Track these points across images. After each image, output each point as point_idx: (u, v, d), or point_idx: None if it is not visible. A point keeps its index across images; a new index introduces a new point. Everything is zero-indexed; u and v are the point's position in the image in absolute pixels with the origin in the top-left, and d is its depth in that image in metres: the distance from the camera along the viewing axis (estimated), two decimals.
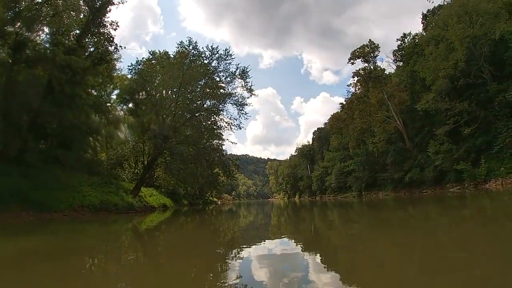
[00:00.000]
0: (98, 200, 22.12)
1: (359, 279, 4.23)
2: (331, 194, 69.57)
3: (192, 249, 7.81)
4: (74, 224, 15.54)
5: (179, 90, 30.03)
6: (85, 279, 4.88)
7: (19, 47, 20.05)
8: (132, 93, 30.98)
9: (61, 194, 20.03)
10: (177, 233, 12.14)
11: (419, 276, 4.06)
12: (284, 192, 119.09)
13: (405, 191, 42.73)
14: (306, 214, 20.79)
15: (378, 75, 49.36)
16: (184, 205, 45.23)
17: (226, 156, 36.79)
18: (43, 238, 9.94)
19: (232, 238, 10.22)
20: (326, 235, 9.55)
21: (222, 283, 4.37)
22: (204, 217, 22.93)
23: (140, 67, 32.12)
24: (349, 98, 54.80)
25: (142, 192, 30.67)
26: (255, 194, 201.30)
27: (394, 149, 46.36)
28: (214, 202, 64.31)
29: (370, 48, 50.99)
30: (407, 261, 4.99)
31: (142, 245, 9.00)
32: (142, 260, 6.65)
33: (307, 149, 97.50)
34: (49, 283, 4.61)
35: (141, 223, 16.71)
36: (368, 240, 7.67)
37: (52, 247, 7.98)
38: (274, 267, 5.34)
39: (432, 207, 17.17)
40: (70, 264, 5.82)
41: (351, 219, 14.76)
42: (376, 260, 5.28)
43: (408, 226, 9.68)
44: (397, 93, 45.49)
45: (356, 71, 50.90)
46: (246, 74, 31.97)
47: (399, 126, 46.71)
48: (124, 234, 12.08)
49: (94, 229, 13.86)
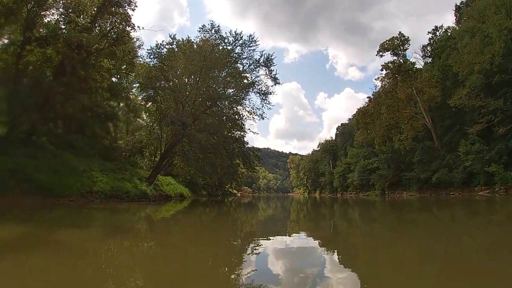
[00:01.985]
0: (109, 186, 21.51)
1: (376, 280, 4.24)
2: (352, 192, 68.90)
3: (208, 240, 7.90)
4: (80, 210, 14.86)
5: (199, 76, 29.28)
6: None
7: (30, 26, 19.65)
8: (150, 78, 30.36)
9: (69, 179, 19.46)
10: (193, 225, 12.15)
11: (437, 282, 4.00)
12: (304, 187, 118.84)
13: (431, 192, 41.79)
14: (326, 211, 20.68)
15: (407, 69, 48.17)
16: (202, 196, 45.71)
17: (247, 148, 36.36)
18: (34, 225, 8.90)
19: (250, 231, 10.31)
20: (345, 233, 9.52)
21: (237, 275, 4.45)
22: (222, 209, 23.14)
23: (159, 51, 31.37)
24: (376, 92, 53.67)
25: (159, 181, 30.54)
26: (275, 188, 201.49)
27: (422, 147, 45.26)
28: (233, 194, 64.84)
29: (400, 41, 49.76)
30: (427, 266, 4.88)
31: (154, 236, 9.06)
32: (155, 251, 6.72)
33: (330, 145, 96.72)
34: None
35: (155, 212, 16.72)
36: (388, 241, 7.63)
37: (35, 238, 7.00)
38: (291, 262, 5.40)
39: (459, 210, 16.78)
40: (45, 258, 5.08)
41: (373, 218, 14.62)
42: (395, 262, 5.26)
43: (432, 229, 9.40)
44: (427, 89, 44.34)
45: (385, 64, 49.84)
46: (270, 62, 31.23)
47: (428, 124, 45.63)
48: (132, 224, 11.42)
49: (101, 217, 13.27)
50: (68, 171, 20.38)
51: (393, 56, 50.18)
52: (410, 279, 4.19)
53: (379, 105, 50.46)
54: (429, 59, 53.86)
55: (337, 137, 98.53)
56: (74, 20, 20.42)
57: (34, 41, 20.34)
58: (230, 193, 62.40)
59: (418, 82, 45.62)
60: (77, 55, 20.16)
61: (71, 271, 4.41)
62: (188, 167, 34.35)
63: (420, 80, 45.72)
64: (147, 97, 33.86)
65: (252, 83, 31.58)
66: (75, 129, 26.79)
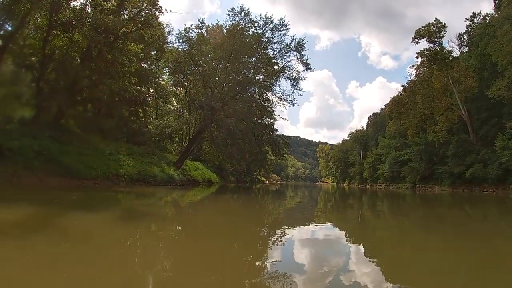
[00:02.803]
0: (136, 170, 21.50)
1: (401, 274, 4.24)
2: (382, 184, 67.74)
3: (234, 227, 8.02)
4: (103, 193, 14.69)
5: (229, 60, 28.88)
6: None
7: (56, 10, 19.40)
8: (179, 62, 30.22)
9: (95, 161, 19.36)
10: (220, 210, 12.33)
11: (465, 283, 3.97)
12: (333, 177, 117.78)
13: (464, 187, 40.50)
14: (354, 202, 20.59)
15: (444, 57, 46.25)
16: (230, 182, 46.24)
17: (277, 135, 36.16)
18: (48, 207, 8.71)
19: (277, 219, 10.44)
20: (373, 226, 9.51)
21: (261, 263, 4.52)
22: (250, 195, 23.36)
23: (188, 35, 31.06)
24: (411, 81, 51.94)
25: (187, 166, 30.75)
26: (303, 176, 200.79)
27: (457, 140, 43.68)
28: (261, 181, 65.20)
29: (436, 28, 47.71)
30: (455, 264, 4.82)
31: (180, 221, 9.22)
32: (180, 236, 6.86)
33: (360, 134, 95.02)
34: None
35: (182, 196, 16.87)
36: (417, 236, 7.57)
37: (41, 220, 6.71)
38: (316, 252, 5.49)
39: (493, 208, 16.26)
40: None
41: (402, 212, 14.46)
42: (422, 258, 5.21)
43: (463, 227, 9.20)
44: (464, 79, 42.55)
45: (421, 51, 48.03)
46: (302, 47, 30.41)
47: (464, 116, 43.98)
48: (155, 208, 11.24)
49: (123, 200, 13.01)
50: (94, 154, 20.34)
51: (428, 43, 48.35)
52: (436, 276, 4.13)
53: (414, 94, 48.89)
54: (465, 48, 51.50)
55: (369, 127, 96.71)
56: (100, 3, 20.42)
57: (60, 25, 20.30)
58: (258, 180, 62.82)
59: (455, 71, 43.81)
60: (104, 39, 20.01)
61: (65, 258, 4.10)
62: (216, 153, 34.34)
63: (456, 69, 43.89)
64: (176, 82, 34.08)
65: (283, 68, 31.11)
66: (104, 113, 27.11)
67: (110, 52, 20.82)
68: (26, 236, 5.04)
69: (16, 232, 5.32)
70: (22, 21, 19.83)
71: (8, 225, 5.81)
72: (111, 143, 23.90)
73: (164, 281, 3.59)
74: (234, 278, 3.78)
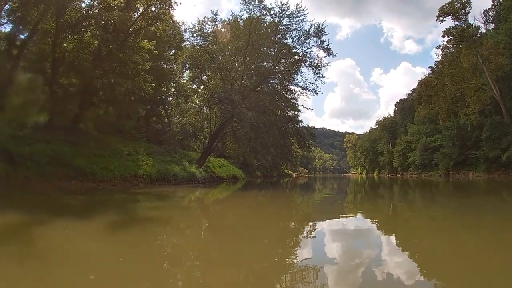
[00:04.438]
0: (155, 169, 21.13)
1: (434, 267, 4.18)
2: (413, 172, 66.34)
3: (263, 222, 8.07)
4: (116, 195, 14.26)
5: (246, 51, 28.06)
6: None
7: (61, 11, 19.31)
8: (194, 56, 29.39)
9: (112, 163, 19.20)
10: (248, 206, 12.28)
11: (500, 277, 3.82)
12: (362, 168, 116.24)
13: (500, 172, 39.14)
14: (384, 192, 20.34)
15: (471, 34, 44.46)
16: (257, 177, 46.32)
17: (301, 126, 35.78)
18: (32, 214, 7.79)
19: (306, 213, 10.50)
20: (404, 216, 9.41)
21: (292, 259, 4.56)
22: (278, 190, 23.37)
23: (202, 27, 29.99)
24: (439, 62, 50.26)
25: (211, 163, 30.64)
26: (331, 168, 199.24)
27: (491, 122, 42.14)
28: (288, 175, 65.03)
29: (461, 4, 45.80)
30: (491, 259, 4.57)
31: (207, 218, 9.32)
32: (207, 232, 6.96)
33: (388, 122, 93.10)
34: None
35: (206, 195, 16.76)
36: (451, 227, 7.41)
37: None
38: (346, 245, 5.52)
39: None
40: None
41: (435, 201, 14.27)
42: (456, 251, 5.12)
43: (501, 217, 8.64)
44: (494, 57, 40.76)
45: (447, 29, 46.36)
46: (322, 32, 29.50)
47: (496, 96, 42.35)
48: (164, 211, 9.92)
49: (135, 202, 12.35)
50: (111, 155, 20.28)
51: (454, 21, 46.61)
52: (471, 269, 4.11)
53: (442, 76, 47.32)
54: (491, 26, 49.42)
55: (396, 114, 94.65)
56: (106, 0, 20.29)
57: (67, 27, 20.28)
58: (285, 174, 62.61)
59: (484, 49, 42.08)
60: (114, 37, 19.95)
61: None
62: (239, 148, 34.41)
63: (485, 47, 42.15)
64: (194, 77, 33.90)
65: (303, 56, 30.44)
66: (122, 114, 27.22)
67: (121, 50, 20.80)
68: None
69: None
70: (34, 28, 20.20)
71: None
72: (130, 143, 23.93)
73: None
74: (264, 274, 3.83)
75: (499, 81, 42.11)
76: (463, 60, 43.68)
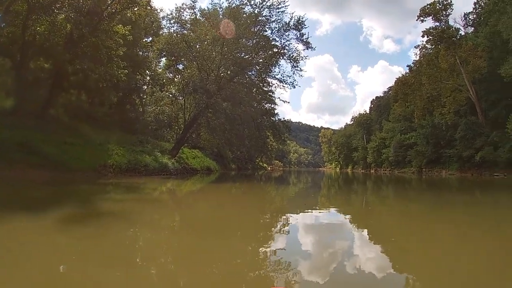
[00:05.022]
0: (125, 159, 20.62)
1: (405, 260, 4.24)
2: (387, 168, 67.66)
3: (237, 216, 7.99)
4: (82, 186, 13.50)
5: (223, 40, 27.52)
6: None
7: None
8: (171, 44, 28.78)
9: (82, 152, 18.68)
10: (221, 198, 12.22)
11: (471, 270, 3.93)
12: (336, 162, 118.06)
13: (473, 171, 40.25)
14: (358, 187, 20.56)
15: (451, 35, 45.54)
16: (231, 169, 46.22)
17: (278, 120, 35.72)
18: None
19: (280, 206, 10.43)
20: (377, 211, 9.50)
21: (265, 252, 4.48)
22: (252, 183, 23.30)
23: (179, 15, 29.51)
24: (417, 61, 51.39)
25: (184, 154, 30.50)
26: (306, 162, 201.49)
27: (465, 122, 43.23)
28: (263, 168, 65.33)
29: (442, 5, 46.87)
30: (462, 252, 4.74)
31: (177, 212, 9.20)
32: (178, 225, 6.84)
33: (363, 118, 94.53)
34: None
35: (172, 187, 16.45)
36: (423, 222, 7.46)
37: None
38: (320, 238, 5.50)
39: (505, 194, 15.84)
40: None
41: (408, 197, 14.45)
42: (428, 244, 5.19)
43: (473, 214, 8.91)
44: (472, 59, 41.90)
45: (427, 29, 47.43)
46: (301, 25, 29.30)
47: (472, 97, 43.57)
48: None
49: (97, 193, 11.25)
50: (82, 144, 19.68)
51: (434, 22, 47.67)
52: (441, 263, 4.13)
53: (420, 75, 48.39)
54: (471, 29, 50.91)
55: (371, 111, 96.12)
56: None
57: (39, 8, 19.46)
58: (260, 167, 62.95)
59: (462, 51, 43.20)
60: (87, 21, 19.47)
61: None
62: (213, 139, 33.85)
63: (464, 49, 43.27)
64: (168, 65, 33.09)
65: (282, 48, 30.23)
66: (96, 101, 26.68)
67: (94, 34, 20.23)
68: None
69: None
70: (6, 10, 19.39)
71: None
72: (102, 131, 23.30)
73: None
74: (237, 269, 3.74)
75: (476, 83, 43.25)
76: (441, 60, 44.70)
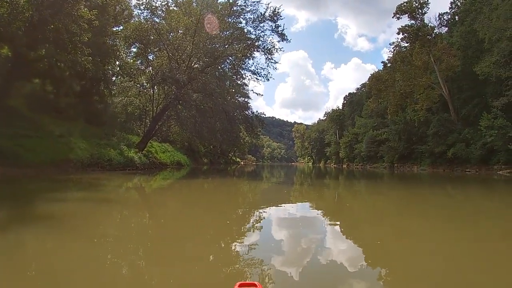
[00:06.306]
0: (88, 153, 19.67)
1: (377, 253, 4.31)
2: (359, 163, 69.07)
3: (210, 209, 8.02)
4: (36, 184, 12.50)
5: (196, 28, 26.57)
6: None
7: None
8: (139, 31, 27.78)
9: (39, 145, 17.42)
10: (194, 193, 12.17)
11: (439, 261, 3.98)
12: (309, 157, 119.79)
13: (444, 167, 41.37)
14: (330, 182, 20.83)
15: (426, 33, 46.77)
16: (203, 164, 45.86)
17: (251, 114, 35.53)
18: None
19: (253, 200, 10.50)
20: (349, 205, 9.62)
21: (238, 247, 4.49)
22: (225, 178, 23.15)
23: (150, 1, 28.62)
24: (391, 58, 52.50)
25: (153, 147, 29.95)
26: (279, 157, 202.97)
27: (438, 119, 44.34)
28: (236, 162, 65.30)
29: (419, 4, 48.08)
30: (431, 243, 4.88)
31: (148, 207, 9.12)
32: (149, 221, 6.74)
33: (336, 114, 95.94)
34: None
35: (141, 184, 15.94)
36: (393, 215, 7.69)
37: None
38: (293, 230, 5.63)
39: (475, 188, 16.28)
40: None
41: (379, 192, 14.69)
42: (398, 237, 5.34)
43: (444, 207, 9.18)
44: (445, 57, 43.15)
45: (402, 27, 48.42)
46: (277, 16, 28.96)
47: (445, 95, 44.80)
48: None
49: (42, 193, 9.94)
50: (41, 136, 18.32)
51: (410, 19, 48.79)
52: (411, 254, 4.27)
53: (394, 71, 49.47)
54: (445, 29, 52.40)
55: (344, 106, 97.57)
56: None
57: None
58: (233, 161, 62.87)
59: (437, 49, 44.44)
60: (49, 3, 18.30)
61: None
62: (183, 132, 33.48)
63: (438, 47, 44.53)
64: (138, 54, 31.82)
65: (257, 39, 29.81)
66: (60, 91, 25.23)
67: (56, 18, 19.01)
68: None
69: None
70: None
71: None
72: (65, 123, 21.88)
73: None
74: (210, 265, 3.74)
75: (449, 81, 44.38)
76: (415, 58, 45.73)
